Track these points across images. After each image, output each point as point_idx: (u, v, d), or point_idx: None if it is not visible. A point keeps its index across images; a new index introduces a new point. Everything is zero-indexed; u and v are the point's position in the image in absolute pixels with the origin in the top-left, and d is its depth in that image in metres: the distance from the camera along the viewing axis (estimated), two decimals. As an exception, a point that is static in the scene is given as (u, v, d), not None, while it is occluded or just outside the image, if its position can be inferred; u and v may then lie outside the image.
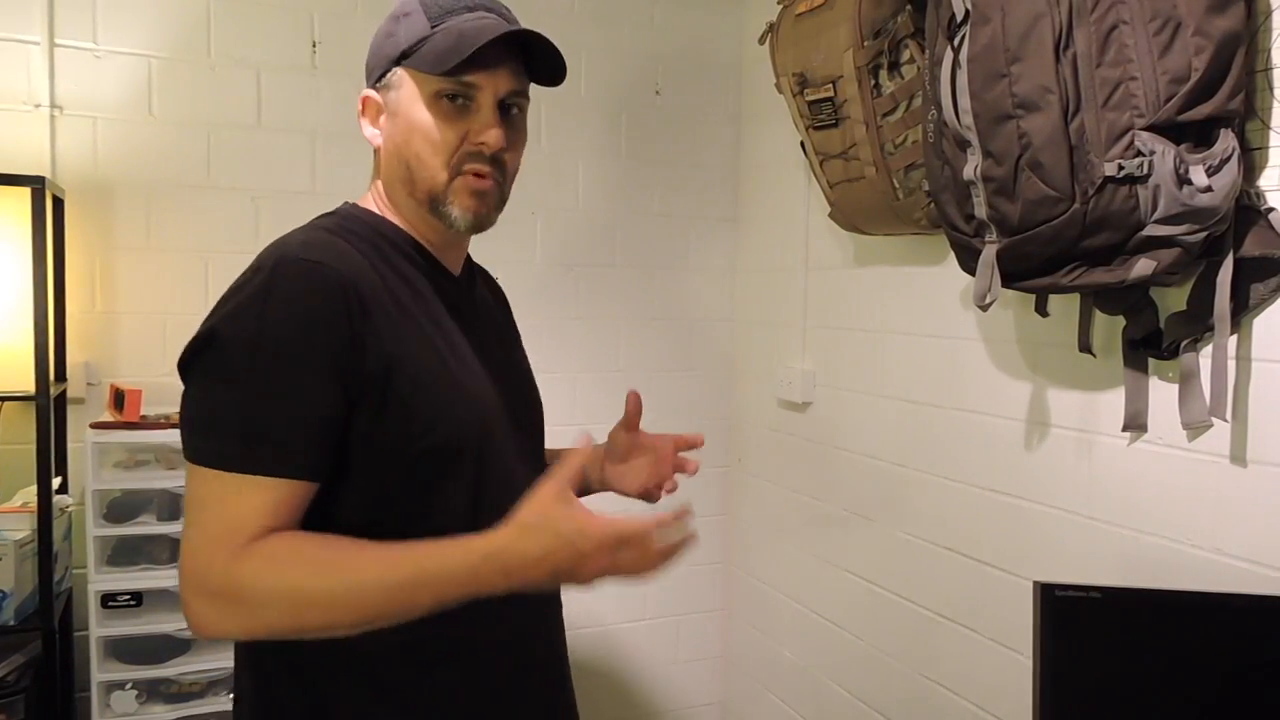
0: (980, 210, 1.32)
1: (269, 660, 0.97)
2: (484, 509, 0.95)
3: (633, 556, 0.85)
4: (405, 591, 0.84)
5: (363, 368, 0.89)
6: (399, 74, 0.99)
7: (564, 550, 0.83)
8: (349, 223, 1.01)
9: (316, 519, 0.90)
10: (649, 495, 1.28)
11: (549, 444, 1.21)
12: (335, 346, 0.88)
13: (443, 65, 0.95)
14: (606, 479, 1.25)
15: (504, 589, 0.84)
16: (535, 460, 1.12)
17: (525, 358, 1.23)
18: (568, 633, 1.24)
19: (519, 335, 1.27)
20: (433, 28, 0.97)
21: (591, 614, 2.45)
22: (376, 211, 1.04)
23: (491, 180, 1.01)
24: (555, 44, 1.00)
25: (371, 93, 1.03)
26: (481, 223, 1.02)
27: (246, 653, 1.01)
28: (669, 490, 1.02)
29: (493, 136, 0.98)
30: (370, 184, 1.08)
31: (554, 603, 1.12)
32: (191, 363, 0.90)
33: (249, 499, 0.85)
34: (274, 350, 0.86)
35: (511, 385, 1.10)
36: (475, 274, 1.17)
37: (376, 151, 1.05)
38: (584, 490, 1.23)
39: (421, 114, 0.98)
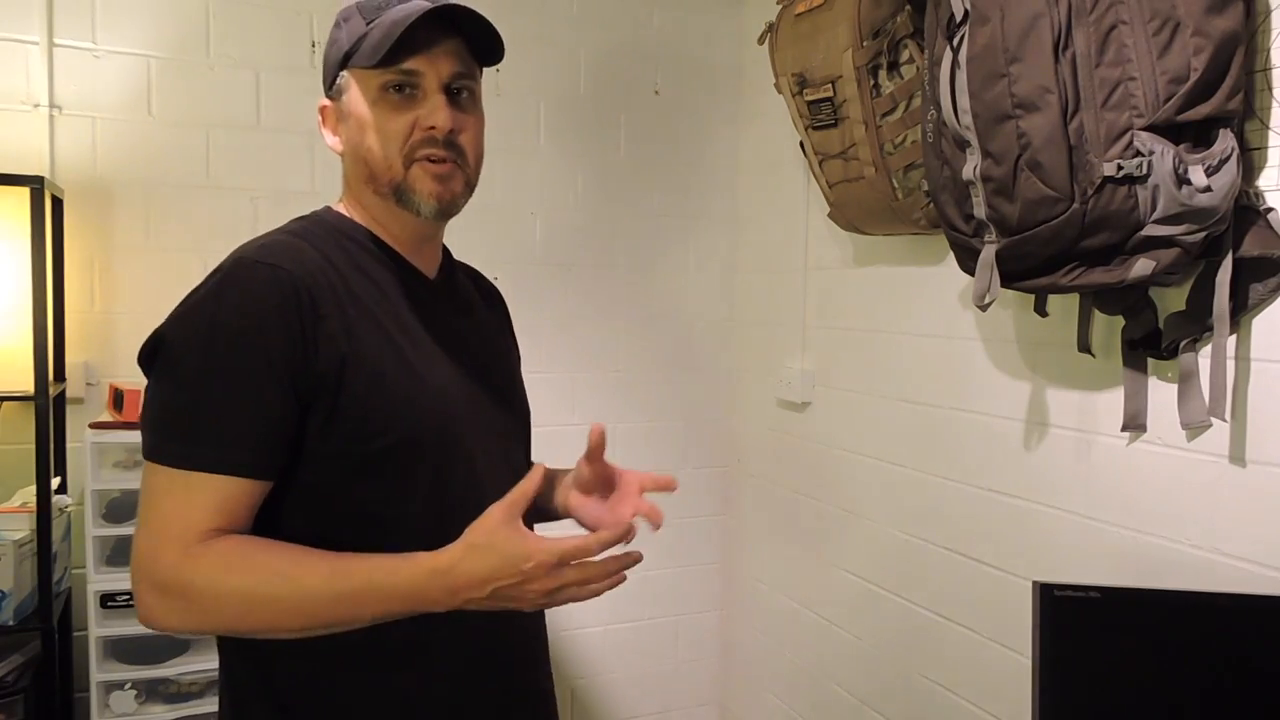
0: (979, 210, 1.32)
1: (237, 661, 0.99)
2: (447, 511, 0.95)
3: (575, 576, 0.87)
4: (351, 602, 0.85)
5: (314, 368, 0.90)
6: (345, 77, 1.01)
7: (508, 572, 0.84)
8: (315, 226, 1.02)
9: (270, 518, 0.92)
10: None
11: (552, 451, 1.19)
12: (284, 347, 0.89)
13: (376, 56, 0.96)
14: (570, 507, 1.20)
15: (447, 606, 0.86)
16: (509, 465, 1.10)
17: (516, 364, 1.22)
18: (568, 632, 1.22)
19: (514, 341, 1.26)
20: (368, 24, 0.99)
21: (591, 614, 2.45)
22: (345, 214, 1.05)
23: (450, 163, 1.00)
24: (486, 18, 1.00)
25: (326, 101, 1.06)
26: (447, 208, 1.02)
27: (220, 653, 1.03)
28: (623, 537, 0.96)
29: (441, 119, 0.98)
30: (342, 190, 1.09)
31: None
32: (148, 362, 0.92)
33: (198, 496, 0.87)
34: (223, 350, 0.88)
35: (489, 389, 1.09)
36: (454, 275, 1.16)
37: (342, 157, 1.06)
38: (548, 515, 1.20)
39: (370, 110, 0.99)
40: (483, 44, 1.03)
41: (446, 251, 1.16)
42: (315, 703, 0.97)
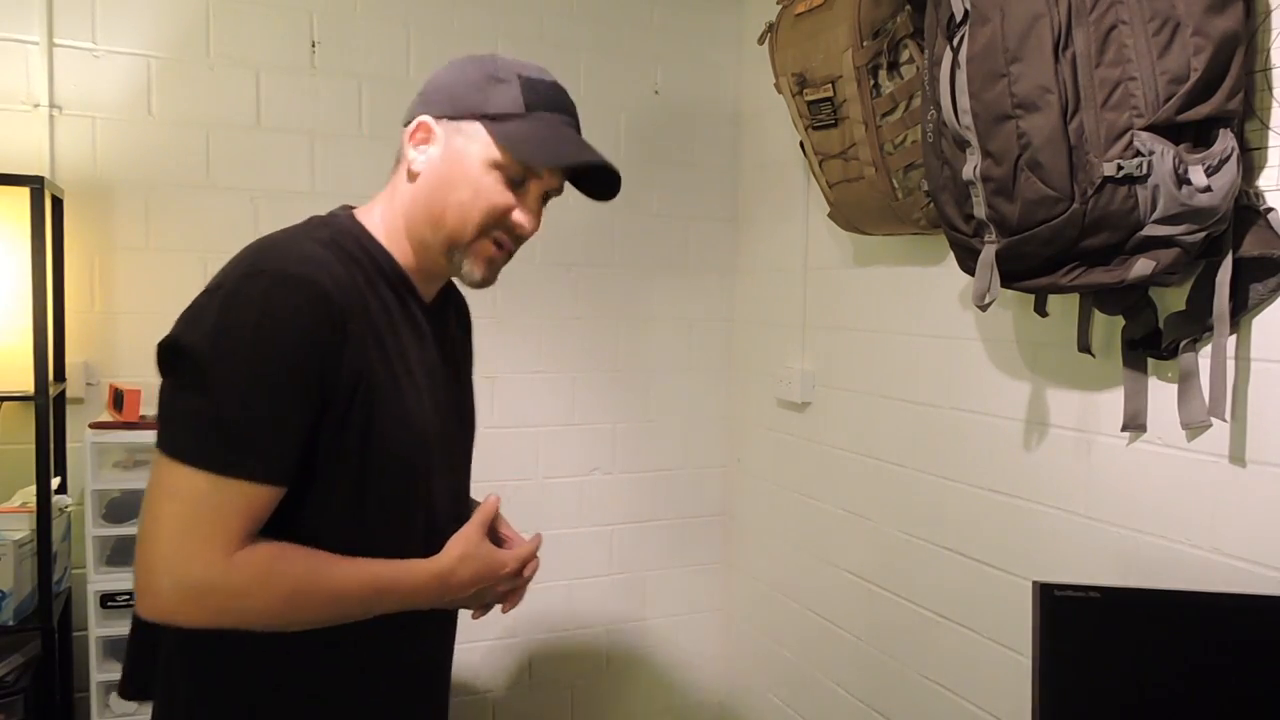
0: (979, 210, 1.32)
1: (180, 678, 1.02)
2: (410, 520, 1.06)
3: (526, 577, 1.12)
4: (372, 601, 0.99)
5: (337, 381, 0.95)
6: (477, 128, 1.03)
7: (489, 576, 1.07)
8: (343, 239, 1.03)
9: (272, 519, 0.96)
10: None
11: (553, 451, 1.27)
12: (318, 362, 0.93)
13: (533, 159, 1.03)
14: None
15: (437, 604, 1.05)
16: (456, 479, 1.19)
17: (471, 384, 1.26)
18: (568, 633, 1.32)
19: (472, 363, 1.29)
20: (526, 106, 1.03)
21: (592, 614, 2.46)
22: (373, 233, 1.06)
23: (507, 250, 1.09)
24: (619, 181, 1.12)
25: (434, 123, 1.04)
26: (484, 285, 1.10)
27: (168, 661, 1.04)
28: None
29: (531, 224, 1.08)
30: (380, 198, 1.10)
31: (450, 624, 1.21)
32: (180, 359, 0.92)
33: (238, 502, 0.90)
34: (267, 362, 0.91)
35: (452, 412, 1.16)
36: (448, 303, 1.20)
37: (409, 175, 1.06)
38: None
39: (482, 174, 1.03)
40: (596, 186, 1.14)
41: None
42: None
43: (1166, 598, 1.16)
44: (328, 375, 0.94)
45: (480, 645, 2.34)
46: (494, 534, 1.16)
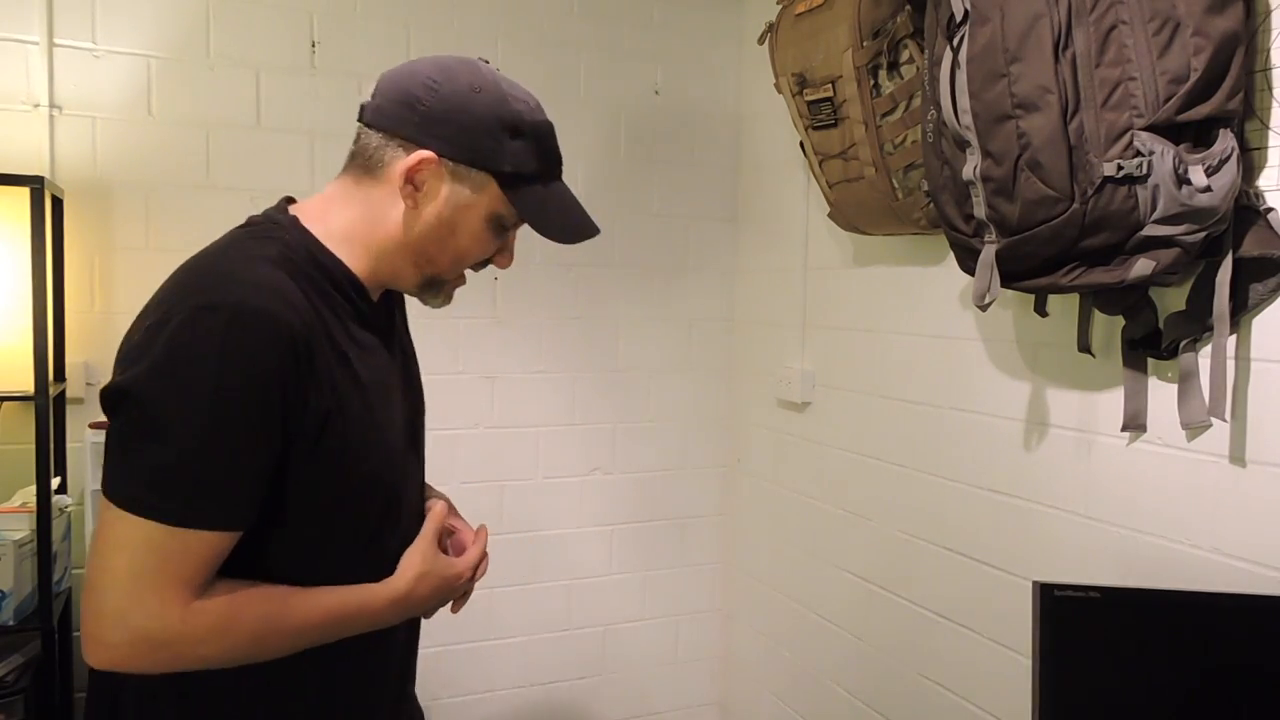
0: (979, 210, 1.32)
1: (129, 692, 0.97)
2: (389, 534, 1.05)
3: (476, 579, 1.13)
4: (331, 631, 0.97)
5: (302, 421, 0.91)
6: (489, 183, 1.01)
7: (445, 588, 1.08)
8: (293, 252, 0.97)
9: (245, 557, 0.93)
10: None
11: (553, 450, 1.28)
12: (281, 402, 0.88)
13: (556, 236, 1.07)
14: None
15: (397, 621, 1.05)
16: (419, 473, 1.18)
17: (416, 364, 1.22)
18: (569, 631, 1.31)
19: (411, 339, 1.24)
20: (541, 179, 1.05)
21: (591, 614, 2.46)
22: (324, 241, 1.00)
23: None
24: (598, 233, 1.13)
25: (436, 162, 0.99)
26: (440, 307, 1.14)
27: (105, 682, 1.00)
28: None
29: (508, 264, 1.13)
30: (337, 202, 1.03)
31: (414, 625, 1.19)
32: (127, 403, 0.86)
33: (188, 550, 0.86)
34: (225, 404, 0.85)
35: (410, 408, 1.15)
36: (388, 293, 1.14)
37: (407, 210, 1.01)
38: None
39: (484, 227, 1.04)
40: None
41: None
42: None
43: (1166, 598, 1.16)
44: (292, 414, 0.89)
45: (479, 645, 2.34)
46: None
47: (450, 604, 1.13)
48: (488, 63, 1.05)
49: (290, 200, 1.07)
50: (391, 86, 1.00)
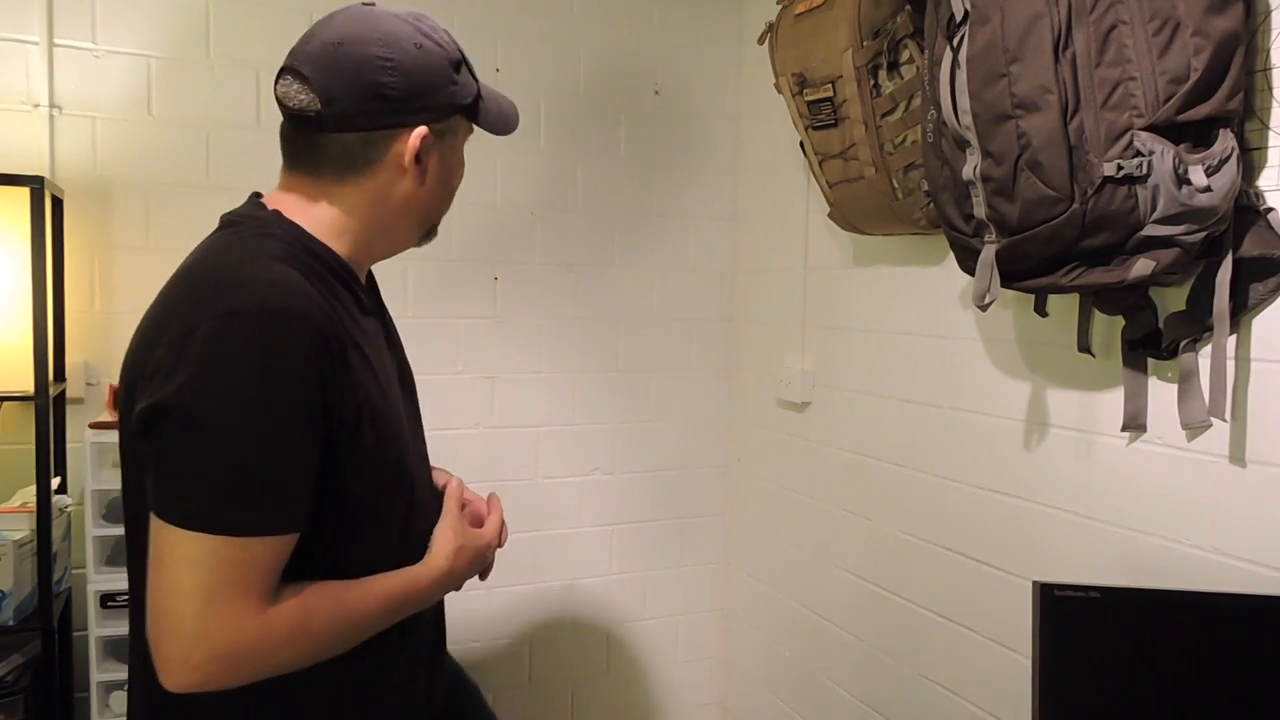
0: (979, 210, 1.32)
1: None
2: (406, 518, 1.06)
3: (501, 543, 1.19)
4: (392, 616, 1.01)
5: (341, 414, 0.92)
6: (458, 119, 1.07)
7: (479, 559, 1.14)
8: (291, 246, 0.97)
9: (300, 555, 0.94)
10: None
11: (554, 450, 1.33)
12: (321, 400, 0.89)
13: (506, 129, 1.12)
14: None
15: (441, 595, 1.11)
16: (424, 450, 1.19)
17: (401, 346, 1.22)
18: (569, 631, 1.37)
19: (394, 322, 1.24)
20: (478, 85, 1.09)
21: (592, 614, 2.46)
22: (312, 232, 1.00)
23: None
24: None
25: (430, 131, 1.02)
26: None
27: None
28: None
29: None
30: (323, 199, 1.02)
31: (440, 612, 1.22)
32: (167, 421, 0.85)
33: (259, 557, 0.86)
34: (271, 410, 0.85)
35: (408, 388, 1.16)
36: (370, 278, 1.16)
37: (415, 181, 1.03)
38: None
39: (462, 157, 1.11)
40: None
41: None
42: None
43: (1166, 598, 1.16)
44: (331, 409, 0.90)
45: (479, 645, 2.34)
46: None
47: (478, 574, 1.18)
48: (370, 4, 1.04)
49: (259, 195, 1.07)
50: (340, 84, 0.97)
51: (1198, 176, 1.15)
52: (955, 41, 1.30)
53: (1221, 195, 1.15)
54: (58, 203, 1.86)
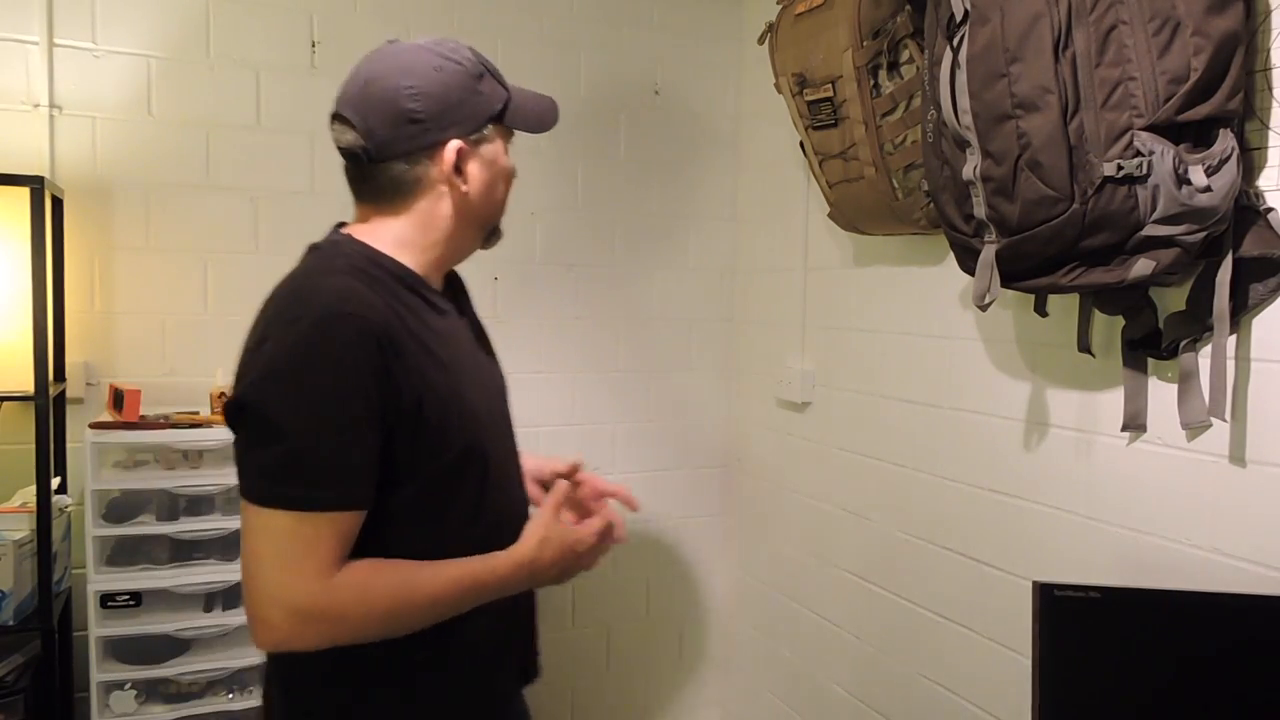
0: (979, 210, 1.32)
1: (298, 668, 1.09)
2: (486, 504, 1.13)
3: (602, 549, 1.18)
4: (464, 600, 1.05)
5: (399, 404, 1.01)
6: (491, 127, 1.14)
7: (568, 556, 1.13)
8: (357, 260, 1.08)
9: (369, 532, 1.03)
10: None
11: (555, 450, 1.34)
12: (377, 391, 0.99)
13: (542, 128, 1.19)
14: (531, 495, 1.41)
15: (527, 587, 1.14)
16: (511, 440, 1.27)
17: (491, 345, 1.32)
18: (570, 631, 1.37)
19: (482, 324, 1.33)
20: (506, 90, 1.15)
21: (592, 614, 2.45)
22: (388, 253, 1.10)
23: None
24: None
25: (464, 144, 1.10)
26: None
27: (278, 661, 1.12)
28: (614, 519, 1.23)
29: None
30: (387, 222, 1.12)
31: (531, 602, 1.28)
32: (245, 414, 0.98)
33: (325, 532, 0.97)
34: (331, 401, 0.97)
35: (493, 382, 1.27)
36: (451, 284, 1.24)
37: (461, 195, 1.11)
38: None
39: (506, 161, 1.17)
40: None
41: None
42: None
43: (1166, 598, 1.16)
44: (389, 400, 1.00)
45: (480, 645, 2.34)
46: (583, 509, 1.34)
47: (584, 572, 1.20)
48: (395, 40, 1.15)
49: (342, 224, 1.17)
50: (375, 117, 1.08)
51: (1198, 176, 1.15)
52: (955, 41, 1.30)
53: (1221, 195, 1.15)
54: (58, 203, 1.86)
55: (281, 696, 1.11)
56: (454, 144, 1.09)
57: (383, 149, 1.08)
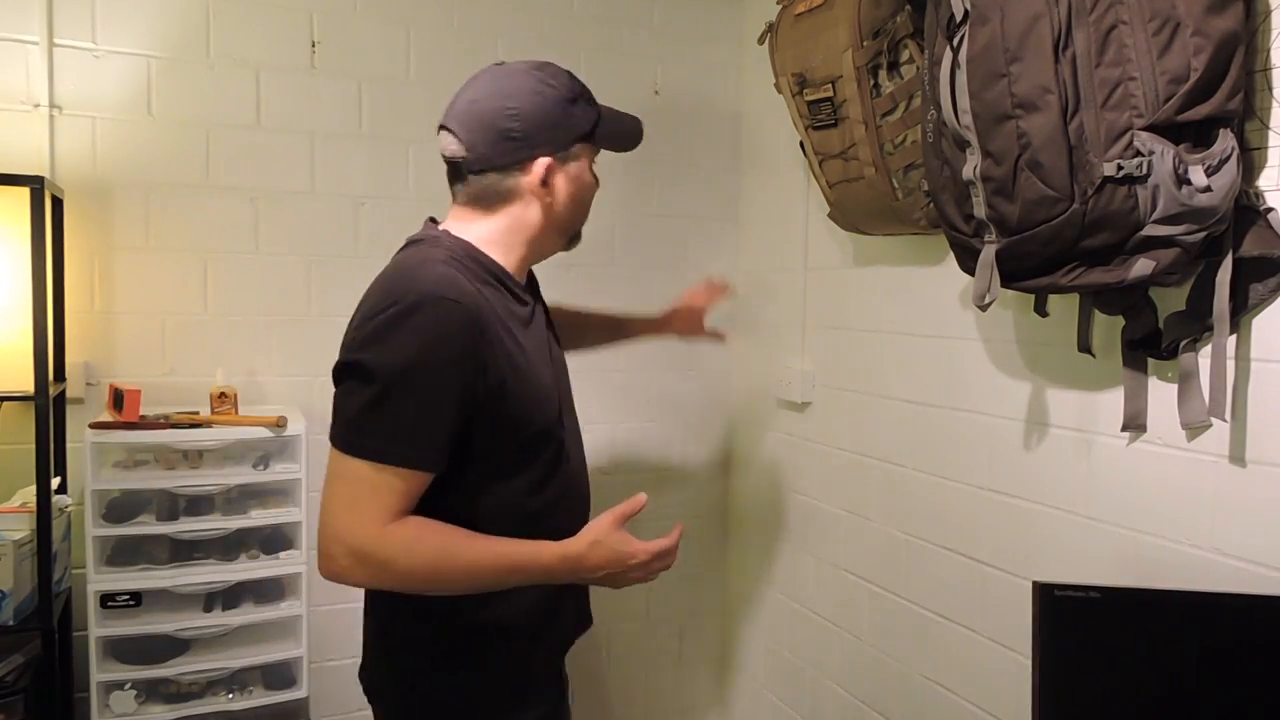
0: (979, 210, 1.32)
1: (397, 621, 1.25)
2: (558, 481, 1.27)
3: (658, 568, 1.23)
4: (505, 575, 1.16)
5: (485, 384, 1.14)
6: (580, 145, 1.28)
7: (616, 564, 1.20)
8: (463, 258, 1.21)
9: (440, 492, 1.15)
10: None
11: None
12: (467, 372, 1.12)
13: (626, 147, 1.39)
14: (642, 337, 1.87)
15: (572, 580, 1.23)
16: (575, 422, 1.41)
17: (557, 333, 1.45)
18: None
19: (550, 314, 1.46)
20: (597, 112, 1.30)
21: (592, 614, 2.45)
22: (485, 250, 1.24)
23: None
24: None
25: (553, 161, 1.25)
26: None
27: (375, 604, 1.29)
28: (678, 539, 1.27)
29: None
30: (478, 222, 1.26)
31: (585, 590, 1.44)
32: (350, 373, 1.12)
33: (394, 484, 1.10)
34: (423, 373, 1.10)
35: (562, 370, 1.41)
36: (530, 281, 1.39)
37: (547, 207, 1.26)
38: (615, 340, 1.97)
39: (591, 177, 1.33)
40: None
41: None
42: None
43: (1166, 598, 1.16)
44: (477, 379, 1.12)
45: (480, 645, 2.34)
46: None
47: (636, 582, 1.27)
48: (502, 63, 1.29)
49: (434, 219, 1.31)
50: (478, 132, 1.22)
51: (1198, 176, 1.14)
52: (955, 41, 1.29)
53: (1221, 195, 1.15)
54: (58, 203, 1.86)
55: (391, 675, 1.27)
56: (543, 160, 1.23)
57: (481, 161, 1.22)
